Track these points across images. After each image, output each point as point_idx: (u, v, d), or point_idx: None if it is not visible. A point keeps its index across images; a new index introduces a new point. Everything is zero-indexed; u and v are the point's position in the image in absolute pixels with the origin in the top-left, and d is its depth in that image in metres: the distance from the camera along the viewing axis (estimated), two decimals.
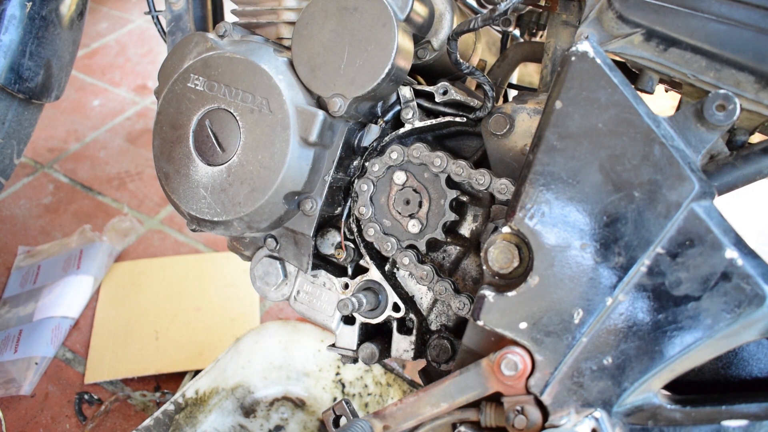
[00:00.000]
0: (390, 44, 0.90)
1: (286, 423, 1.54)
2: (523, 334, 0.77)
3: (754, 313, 0.69)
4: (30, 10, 1.13)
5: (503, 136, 0.95)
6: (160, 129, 1.00)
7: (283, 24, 1.05)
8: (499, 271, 0.79)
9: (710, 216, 0.71)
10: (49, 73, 1.20)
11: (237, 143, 0.95)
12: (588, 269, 0.74)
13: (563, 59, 0.76)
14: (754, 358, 0.83)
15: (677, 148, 0.72)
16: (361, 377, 1.58)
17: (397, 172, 1.00)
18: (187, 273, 2.02)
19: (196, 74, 0.97)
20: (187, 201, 0.98)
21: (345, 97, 0.93)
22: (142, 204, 2.30)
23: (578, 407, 0.76)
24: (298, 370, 1.61)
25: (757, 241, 1.68)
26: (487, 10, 0.92)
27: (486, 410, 0.81)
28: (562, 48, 1.05)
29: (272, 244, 1.03)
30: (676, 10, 0.81)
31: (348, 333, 1.04)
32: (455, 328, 1.02)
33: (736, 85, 0.80)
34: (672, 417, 0.76)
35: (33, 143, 2.50)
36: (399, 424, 0.83)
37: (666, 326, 0.72)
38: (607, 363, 0.74)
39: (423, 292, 1.04)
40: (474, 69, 0.95)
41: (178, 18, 1.17)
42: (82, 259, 1.96)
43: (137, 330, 1.83)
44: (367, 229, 1.01)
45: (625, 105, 0.72)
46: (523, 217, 0.77)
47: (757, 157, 0.81)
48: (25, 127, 1.25)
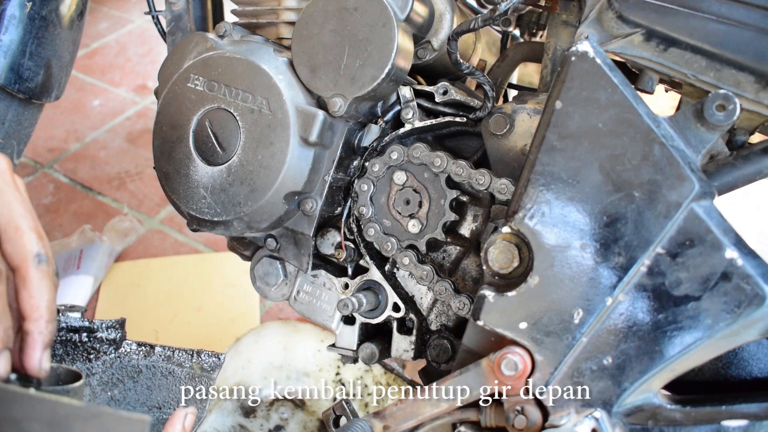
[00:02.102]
0: (390, 44, 0.90)
1: (286, 423, 1.54)
2: (523, 334, 0.77)
3: (754, 313, 0.69)
4: (30, 10, 1.13)
5: (503, 136, 0.95)
6: (160, 129, 1.00)
7: (283, 24, 1.05)
8: (499, 271, 0.79)
9: (710, 216, 0.71)
10: (49, 73, 1.19)
11: (237, 143, 0.95)
12: (588, 269, 0.74)
13: (563, 59, 0.76)
14: (754, 358, 0.83)
15: (677, 148, 0.72)
16: (361, 377, 1.58)
17: (397, 172, 1.00)
18: (187, 273, 2.02)
19: (196, 74, 0.97)
20: (187, 201, 0.98)
21: (345, 97, 0.93)
22: (142, 204, 2.30)
23: (578, 407, 0.76)
24: (298, 370, 1.61)
25: (757, 241, 1.68)
26: (488, 10, 0.92)
27: (486, 410, 0.81)
28: (562, 48, 1.05)
29: (272, 244, 1.03)
30: (676, 10, 0.81)
31: (348, 333, 1.04)
32: (455, 328, 1.02)
33: (736, 85, 0.80)
34: (672, 417, 0.76)
35: (33, 143, 2.49)
36: (399, 424, 0.83)
37: (666, 326, 0.72)
38: (607, 363, 0.74)
39: (423, 292, 1.04)
40: (474, 69, 0.95)
41: (178, 18, 1.17)
42: (82, 259, 1.96)
43: (137, 330, 1.83)
44: (367, 229, 1.01)
45: (625, 105, 0.72)
46: (523, 217, 0.77)
47: (757, 157, 0.81)
48: (25, 127, 1.25)
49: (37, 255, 0.66)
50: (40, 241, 0.67)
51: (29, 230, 0.66)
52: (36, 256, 0.65)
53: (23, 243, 0.65)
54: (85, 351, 0.94)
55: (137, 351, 0.95)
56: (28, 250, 0.65)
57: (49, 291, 0.67)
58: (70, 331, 0.93)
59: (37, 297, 0.65)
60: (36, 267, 0.65)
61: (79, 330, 0.93)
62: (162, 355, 0.95)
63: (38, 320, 0.65)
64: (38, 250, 0.66)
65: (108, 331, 0.95)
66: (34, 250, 0.65)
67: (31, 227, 0.66)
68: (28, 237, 0.66)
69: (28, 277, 0.65)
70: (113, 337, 0.94)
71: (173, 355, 0.95)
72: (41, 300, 0.66)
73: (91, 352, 0.94)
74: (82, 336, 0.94)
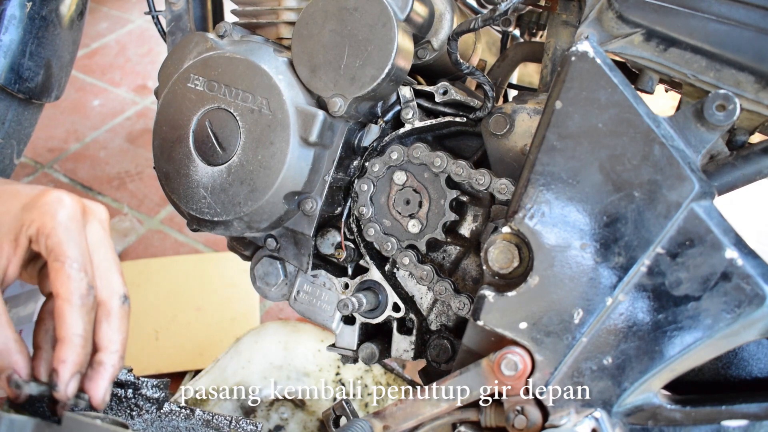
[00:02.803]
0: (390, 44, 0.90)
1: (286, 423, 1.54)
2: (523, 334, 0.77)
3: (754, 313, 0.69)
4: (30, 10, 1.13)
5: (503, 136, 0.95)
6: (160, 129, 1.00)
7: (283, 24, 1.05)
8: (499, 271, 0.79)
9: (710, 216, 0.71)
10: (49, 73, 1.19)
11: (237, 143, 0.95)
12: (588, 269, 0.74)
13: (563, 59, 0.76)
14: (754, 358, 0.83)
15: (677, 148, 0.72)
16: (361, 377, 1.58)
17: (397, 172, 1.00)
18: (187, 273, 2.02)
19: (196, 74, 0.97)
20: (187, 201, 0.98)
21: (345, 97, 0.93)
22: (142, 204, 2.30)
23: (578, 407, 0.76)
24: (298, 370, 1.61)
25: (757, 241, 1.68)
26: (488, 10, 0.92)
27: (486, 410, 0.81)
28: (562, 48, 1.05)
29: (272, 244, 1.03)
30: (676, 10, 0.81)
31: (348, 333, 1.04)
32: (455, 328, 1.02)
33: (736, 85, 0.80)
34: (672, 417, 0.76)
35: (33, 143, 2.49)
36: (399, 424, 0.83)
37: (666, 326, 0.72)
38: (607, 363, 0.74)
39: (423, 292, 1.04)
40: (474, 69, 0.95)
41: (178, 18, 1.17)
42: None
43: (137, 330, 1.83)
44: (367, 229, 1.01)
45: (625, 105, 0.72)
46: (523, 217, 0.77)
47: (757, 157, 0.81)
48: (25, 127, 1.25)
49: (123, 295, 0.73)
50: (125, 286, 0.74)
51: (119, 273, 0.74)
52: (122, 296, 0.73)
53: (114, 281, 0.72)
54: (128, 407, 0.96)
55: (178, 413, 0.97)
56: (116, 289, 0.72)
57: (126, 330, 0.73)
58: (116, 385, 0.95)
59: (117, 332, 0.72)
60: (121, 306, 0.72)
61: (125, 385, 0.96)
62: (201, 418, 0.97)
63: (114, 353, 0.71)
64: (125, 292, 0.73)
65: (153, 389, 0.97)
66: (122, 291, 0.73)
67: (120, 271, 0.74)
68: (118, 278, 0.73)
69: (113, 312, 0.72)
70: (157, 396, 0.97)
71: (212, 419, 0.97)
72: (120, 335, 0.72)
73: (134, 409, 0.96)
74: (127, 391, 0.96)
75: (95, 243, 0.72)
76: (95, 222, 0.73)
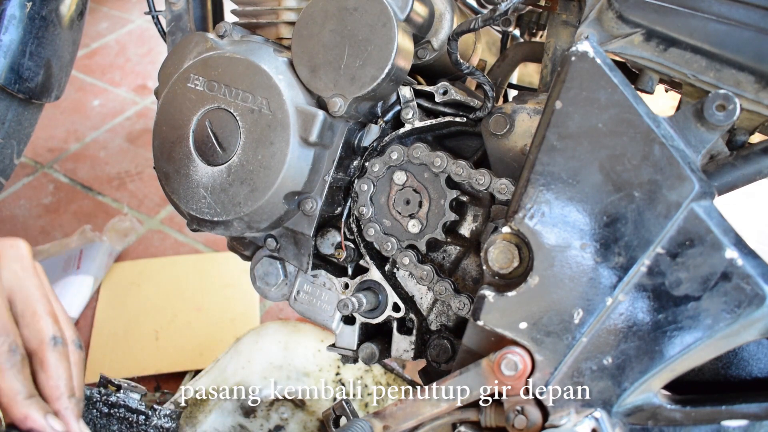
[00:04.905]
0: (390, 44, 0.90)
1: (286, 423, 1.54)
2: (523, 334, 0.77)
3: (754, 313, 0.69)
4: (30, 10, 1.13)
5: (503, 136, 0.95)
6: (160, 129, 1.00)
7: (283, 24, 1.05)
8: (499, 271, 0.79)
9: (710, 216, 0.71)
10: (49, 73, 1.20)
11: (237, 143, 0.95)
12: (588, 269, 0.74)
13: (563, 59, 0.76)
14: (754, 358, 0.83)
15: (677, 148, 0.72)
16: (361, 377, 1.58)
17: (397, 172, 1.00)
18: (187, 273, 2.02)
19: (196, 74, 0.97)
20: (187, 201, 0.98)
21: (345, 97, 0.93)
22: (142, 204, 2.30)
23: (578, 407, 0.76)
24: (298, 370, 1.61)
25: (757, 241, 1.68)
26: (488, 10, 0.92)
27: (486, 410, 0.81)
28: (562, 48, 1.05)
29: (272, 244, 1.03)
30: (676, 10, 0.81)
31: (348, 333, 1.04)
32: (455, 328, 1.02)
33: (736, 85, 0.80)
34: (672, 417, 0.76)
35: (33, 143, 2.50)
36: (399, 424, 0.83)
37: (666, 326, 0.72)
38: (607, 363, 0.74)
39: (423, 292, 1.04)
40: (474, 69, 0.95)
41: (178, 18, 1.17)
42: (82, 259, 1.96)
43: (137, 330, 1.83)
44: (367, 229, 1.01)
45: (625, 105, 0.72)
46: (523, 217, 0.77)
47: (757, 157, 0.81)
48: (25, 127, 1.25)
49: (53, 338, 0.69)
50: (56, 324, 0.70)
51: (45, 315, 0.69)
52: (52, 339, 0.69)
53: (40, 328, 0.68)
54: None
55: None
56: (45, 335, 0.68)
57: (66, 370, 0.70)
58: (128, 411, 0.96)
59: (55, 377, 0.68)
60: (52, 350, 0.69)
61: (137, 412, 0.96)
62: None
63: (59, 398, 0.68)
64: (54, 333, 0.69)
65: (164, 419, 0.97)
66: (50, 333, 0.69)
67: (47, 311, 0.70)
68: (45, 322, 0.69)
69: (45, 360, 0.68)
70: (168, 427, 0.97)
71: None
72: (59, 380, 0.69)
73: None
74: (139, 418, 0.96)
75: (13, 288, 0.68)
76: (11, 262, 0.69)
